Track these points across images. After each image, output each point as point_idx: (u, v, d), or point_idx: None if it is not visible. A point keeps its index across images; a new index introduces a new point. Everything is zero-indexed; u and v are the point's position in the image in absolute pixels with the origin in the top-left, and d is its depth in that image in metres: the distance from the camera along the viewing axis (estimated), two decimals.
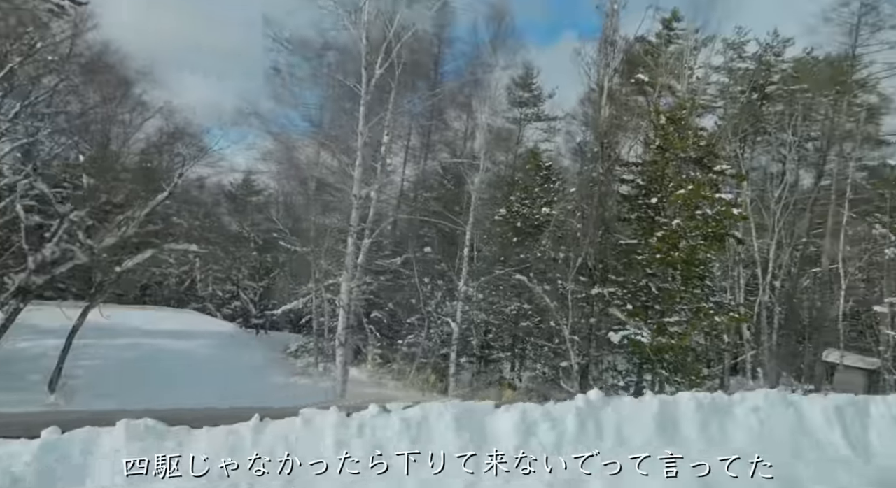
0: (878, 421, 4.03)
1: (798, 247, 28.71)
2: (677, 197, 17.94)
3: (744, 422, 4.39)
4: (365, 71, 12.09)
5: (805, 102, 25.09)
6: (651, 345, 17.16)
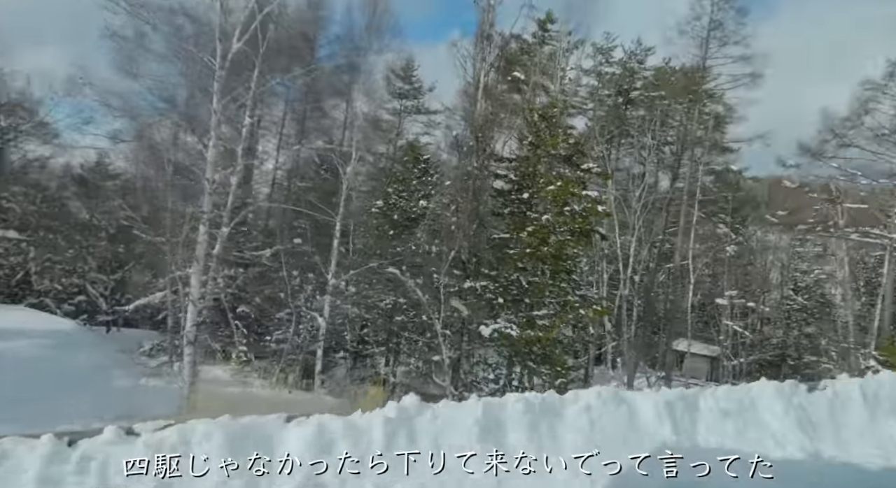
0: (706, 414, 4.05)
1: (655, 244, 30.91)
2: (547, 193, 18.41)
3: (574, 423, 4.17)
4: (220, 43, 11.04)
5: (663, 109, 26.93)
6: (520, 337, 17.48)
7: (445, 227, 19.39)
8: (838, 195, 32.41)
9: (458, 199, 19.04)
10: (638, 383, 26.20)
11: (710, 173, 33.00)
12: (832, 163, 30.15)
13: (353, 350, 23.53)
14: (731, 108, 28.06)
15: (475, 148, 19.36)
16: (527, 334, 17.80)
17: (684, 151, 28.48)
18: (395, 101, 31.28)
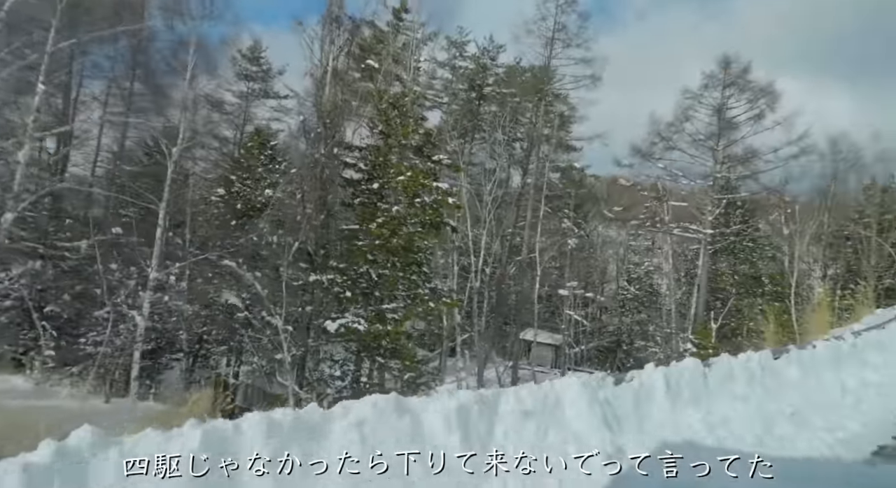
0: (505, 417, 3.75)
1: (506, 237, 31.95)
2: (398, 183, 18.02)
3: (340, 441, 3.50)
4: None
5: (513, 106, 27.75)
6: (368, 332, 16.94)
7: (291, 218, 18.28)
8: (664, 194, 35.72)
9: (304, 188, 18.02)
10: (488, 373, 26.89)
11: (557, 170, 34.77)
12: (659, 164, 33.17)
13: (189, 350, 21.56)
14: (574, 108, 29.66)
15: (323, 135, 18.45)
16: (375, 328, 17.31)
17: (533, 148, 29.62)
18: (241, 82, 29.20)
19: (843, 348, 7.45)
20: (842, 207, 37.41)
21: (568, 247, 30.12)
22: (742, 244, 38.86)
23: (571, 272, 34.28)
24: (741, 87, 31.68)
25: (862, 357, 7.62)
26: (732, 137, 32.00)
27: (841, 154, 36.46)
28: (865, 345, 8.13)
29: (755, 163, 32.45)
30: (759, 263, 39.31)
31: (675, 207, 36.29)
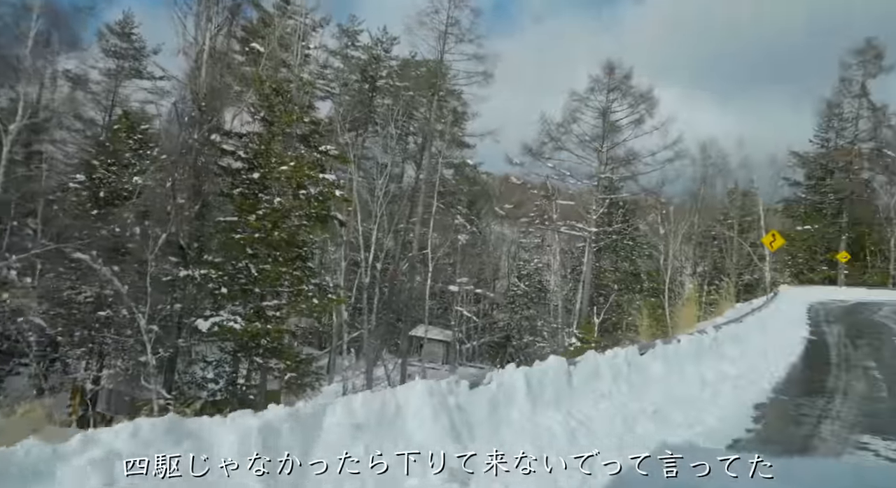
0: (330, 433, 3.19)
1: (399, 232, 31.57)
2: (280, 173, 17.03)
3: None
4: None
5: (407, 100, 27.35)
6: (245, 330, 15.87)
7: (160, 208, 16.77)
8: (553, 192, 36.91)
9: (174, 176, 16.57)
10: (378, 371, 26.36)
11: (450, 166, 34.85)
12: (548, 163, 34.15)
13: (42, 354, 19.32)
14: (467, 104, 29.77)
15: (198, 119, 17.06)
16: (254, 327, 16.25)
17: (427, 143, 29.40)
18: (110, 60, 26.63)
19: (704, 342, 7.73)
20: (709, 209, 40.47)
21: (460, 243, 30.16)
22: (623, 242, 40.98)
23: (463, 268, 34.51)
24: (624, 92, 33.29)
25: (721, 350, 7.97)
26: (615, 140, 33.55)
27: (710, 159, 39.53)
28: (725, 338, 8.53)
29: (635, 165, 34.22)
30: (638, 261, 41.69)
31: (563, 206, 37.62)
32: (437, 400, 3.55)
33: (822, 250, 36.79)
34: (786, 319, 14.65)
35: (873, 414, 6.33)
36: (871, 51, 33.64)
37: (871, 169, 35.46)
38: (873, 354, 11.35)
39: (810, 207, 37.11)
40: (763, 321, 12.62)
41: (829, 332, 14.18)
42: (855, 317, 19.51)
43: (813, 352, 11.07)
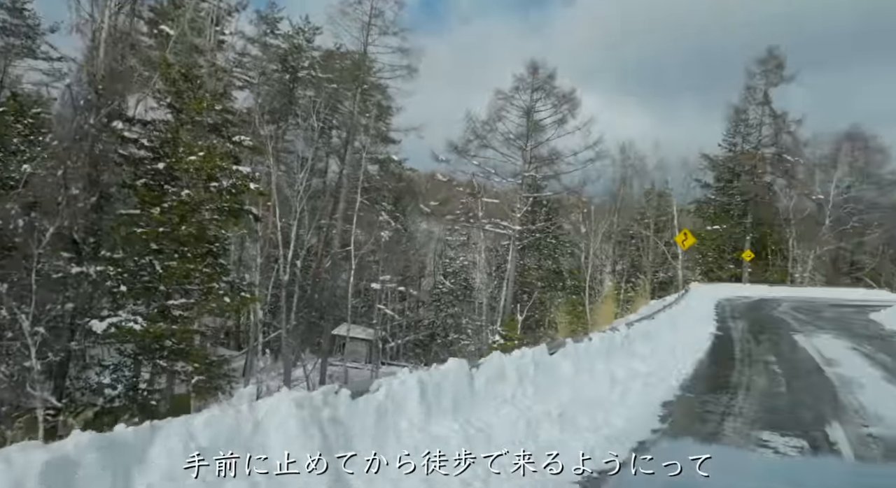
0: (157, 466, 2.79)
1: (322, 229, 30.68)
2: (189, 164, 16.00)
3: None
4: None
5: (330, 92, 26.55)
6: (146, 331, 14.79)
7: (50, 198, 15.34)
8: (478, 190, 37.07)
9: (67, 164, 15.21)
10: (297, 372, 25.49)
11: (375, 162, 34.24)
12: (474, 161, 34.24)
13: None
14: (391, 98, 29.31)
15: (95, 103, 15.74)
16: (158, 327, 15.19)
17: (351, 138, 28.70)
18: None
19: (616, 340, 7.73)
20: (628, 209, 41.93)
21: (383, 240, 29.66)
22: (547, 241, 41.72)
23: (388, 266, 34.01)
24: (547, 92, 33.83)
25: (632, 348, 8.00)
26: (539, 139, 34.05)
27: (629, 161, 41.01)
28: (636, 335, 8.59)
29: (558, 164, 34.87)
30: (560, 259, 42.59)
31: (489, 204, 37.84)
32: (308, 414, 3.15)
33: (729, 249, 38.85)
34: (695, 316, 15.16)
35: (773, 410, 6.46)
36: (773, 61, 35.81)
37: (772, 173, 37.78)
38: (773, 349, 11.87)
39: (719, 208, 39.09)
40: (674, 318, 12.96)
41: (735, 328, 14.79)
42: (758, 312, 20.58)
43: (719, 347, 11.43)
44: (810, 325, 16.65)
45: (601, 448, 4.05)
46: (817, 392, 7.64)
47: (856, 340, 13.75)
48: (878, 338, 14.66)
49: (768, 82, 36.34)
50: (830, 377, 8.71)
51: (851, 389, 7.79)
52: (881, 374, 9.20)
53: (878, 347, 12.82)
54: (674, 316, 13.37)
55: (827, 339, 13.68)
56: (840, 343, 13.13)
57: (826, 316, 20.58)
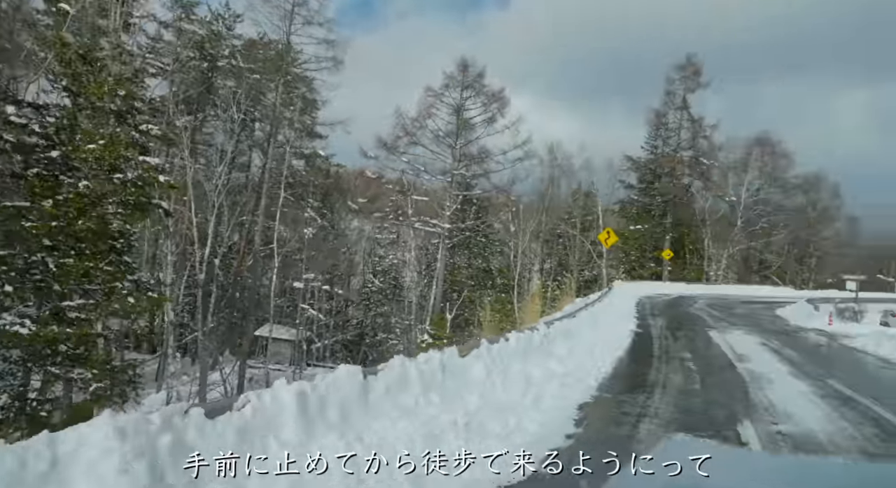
0: None
1: (244, 225, 29.34)
2: (88, 152, 14.69)
3: None
4: None
5: (252, 83, 25.37)
6: (37, 336, 13.45)
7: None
8: (408, 188, 36.63)
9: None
10: (213, 376, 24.20)
11: (301, 157, 33.17)
12: (403, 158, 33.80)
13: None
14: (317, 91, 28.38)
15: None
16: (49, 331, 13.84)
17: (275, 131, 27.57)
18: None
19: (534, 339, 7.51)
20: (556, 209, 42.64)
21: (308, 237, 28.71)
22: (476, 239, 41.81)
23: (314, 264, 32.99)
24: (477, 91, 33.83)
25: (551, 348, 7.81)
26: (469, 137, 33.99)
27: (556, 161, 41.69)
28: (556, 334, 8.42)
29: (488, 163, 34.90)
30: (490, 258, 42.82)
31: (419, 202, 37.49)
32: (133, 445, 2.58)
33: (650, 248, 40.21)
34: (617, 313, 15.34)
35: (687, 410, 6.40)
36: (691, 67, 37.32)
37: (690, 175, 39.40)
38: (689, 345, 12.10)
39: (641, 209, 40.37)
40: (595, 316, 13.01)
41: (654, 325, 15.07)
42: (676, 309, 21.23)
43: (638, 344, 11.52)
44: (724, 322, 17.27)
45: (509, 458, 3.72)
46: (730, 389, 7.69)
47: (765, 336, 14.30)
48: (784, 334, 15.35)
49: (686, 88, 37.86)
50: (742, 373, 8.86)
51: (761, 385, 7.91)
52: (788, 369, 9.47)
53: (784, 342, 13.36)
54: (595, 314, 13.44)
55: (739, 335, 14.15)
56: (751, 339, 13.59)
57: (738, 312, 21.49)
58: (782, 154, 42.69)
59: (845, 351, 13.11)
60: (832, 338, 15.12)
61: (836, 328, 17.18)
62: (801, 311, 20.74)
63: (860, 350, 12.96)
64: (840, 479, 0.69)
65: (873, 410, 6.80)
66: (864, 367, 10.95)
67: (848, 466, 1.03)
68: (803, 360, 10.71)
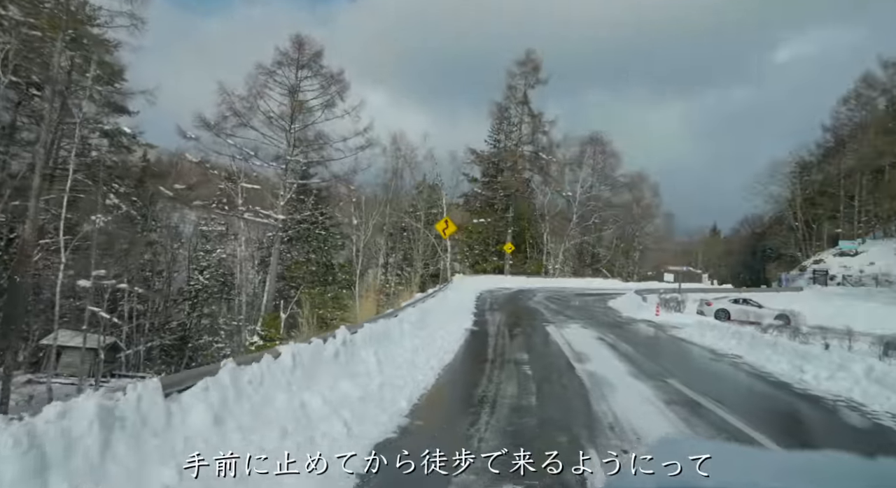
0: None
1: (23, 213, 24.15)
2: None
3: None
4: None
5: (24, 38, 20.62)
6: None
7: None
8: (238, 175, 33.06)
9: None
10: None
11: (104, 135, 28.37)
12: (230, 141, 30.18)
13: None
14: (112, 51, 24.05)
15: None
16: None
17: (57, 100, 22.83)
18: None
19: (327, 351, 5.56)
20: (400, 201, 41.29)
21: (98, 226, 24.27)
22: (316, 232, 39.22)
23: (120, 260, 28.34)
24: (315, 71, 31.25)
25: (352, 360, 5.92)
26: (306, 121, 31.28)
27: (400, 152, 40.27)
28: (365, 340, 6.59)
29: (327, 150, 32.37)
30: (332, 252, 40.41)
31: (250, 190, 34.01)
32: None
33: (493, 242, 40.36)
34: (452, 310, 14.04)
35: (519, 435, 4.92)
36: (531, 63, 37.90)
37: (531, 169, 40.13)
38: (527, 343, 11.04)
39: (485, 202, 40.35)
40: (425, 313, 11.49)
41: (492, 321, 13.98)
42: (515, 304, 20.62)
43: (472, 346, 10.19)
44: (561, 315, 16.78)
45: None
46: (570, 400, 6.47)
47: (600, 329, 13.81)
48: (618, 326, 15.08)
49: (527, 83, 38.36)
50: (582, 376, 7.77)
51: (603, 392, 6.79)
52: (627, 369, 8.61)
53: (620, 335, 12.88)
54: (427, 311, 11.93)
55: (576, 329, 13.50)
56: (587, 333, 12.96)
57: (574, 305, 21.47)
58: (611, 153, 45.26)
59: (675, 342, 12.93)
60: (661, 328, 15.13)
61: (663, 318, 17.47)
62: (631, 303, 21.18)
63: (688, 341, 12.85)
64: (848, 476, 0.73)
65: (722, 418, 5.90)
66: (698, 361, 10.57)
67: (855, 461, 0.80)
68: (640, 356, 10.04)
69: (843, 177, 46.23)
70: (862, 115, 47.79)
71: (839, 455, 0.86)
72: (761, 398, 7.72)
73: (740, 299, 21.68)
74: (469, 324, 12.77)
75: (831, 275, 42.96)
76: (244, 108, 30.02)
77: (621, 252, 49.06)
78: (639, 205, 48.80)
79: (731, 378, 9.08)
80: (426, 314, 11.29)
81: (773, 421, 6.32)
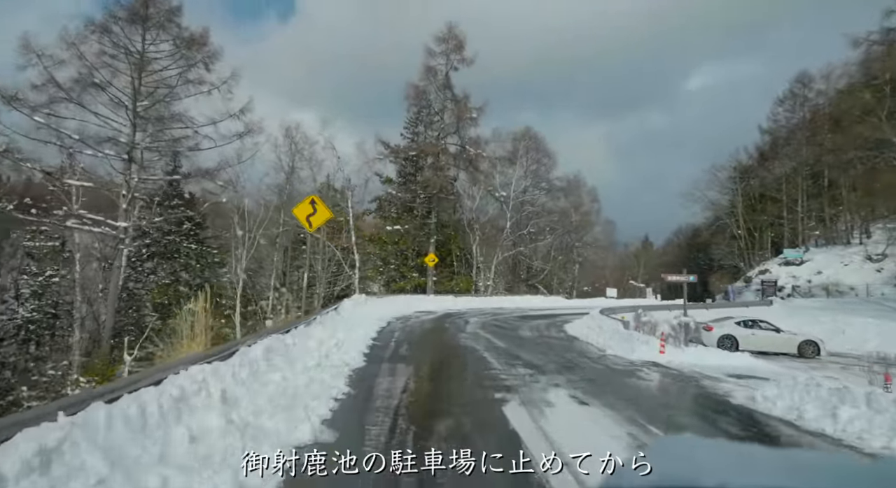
0: None
1: None
2: None
3: None
4: None
5: None
6: None
7: None
8: (68, 169, 24.62)
9: None
10: None
11: None
12: (37, 117, 21.71)
13: None
14: None
15: None
16: None
17: None
18: None
19: None
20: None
21: None
22: (185, 246, 31.00)
23: None
24: (171, 34, 23.43)
25: None
26: (157, 97, 23.25)
27: (297, 146, 32.56)
28: None
29: (194, 138, 24.36)
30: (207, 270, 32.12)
31: (89, 191, 25.60)
32: None
33: (413, 255, 33.32)
34: (306, 373, 6.75)
35: None
36: (453, 40, 31.38)
37: (456, 166, 33.38)
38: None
39: (401, 206, 33.28)
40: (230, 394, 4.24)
41: (384, 394, 6.85)
42: (440, 342, 13.53)
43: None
44: (518, 365, 9.78)
45: None
46: None
47: (591, 390, 7.00)
48: (626, 387, 8.32)
49: (449, 63, 31.79)
50: None
51: None
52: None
53: (651, 418, 6.08)
54: (250, 379, 4.67)
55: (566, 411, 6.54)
56: (583, 412, 6.09)
57: (526, 337, 14.67)
58: (546, 153, 39.60)
59: (790, 446, 6.29)
60: (701, 389, 8.45)
61: (677, 360, 10.91)
62: (604, 331, 14.67)
63: (807, 430, 6.22)
64: (848, 476, 0.69)
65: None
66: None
67: (855, 461, 0.72)
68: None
69: (785, 182, 42.77)
70: (799, 116, 44.80)
71: (839, 455, 0.56)
72: None
73: (749, 321, 15.73)
74: (324, 409, 5.61)
75: (780, 285, 38.85)
76: (66, 79, 21.72)
77: (559, 265, 43.27)
78: (577, 211, 43.32)
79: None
80: (245, 383, 4.02)
81: None
